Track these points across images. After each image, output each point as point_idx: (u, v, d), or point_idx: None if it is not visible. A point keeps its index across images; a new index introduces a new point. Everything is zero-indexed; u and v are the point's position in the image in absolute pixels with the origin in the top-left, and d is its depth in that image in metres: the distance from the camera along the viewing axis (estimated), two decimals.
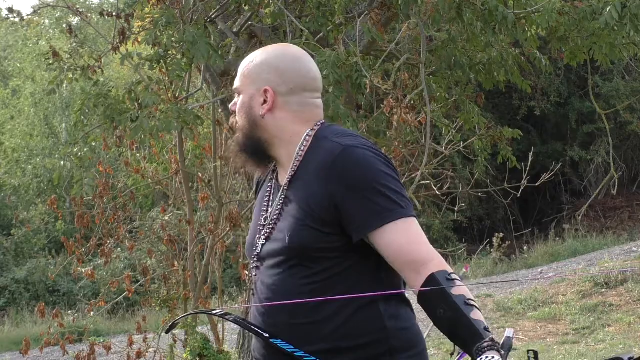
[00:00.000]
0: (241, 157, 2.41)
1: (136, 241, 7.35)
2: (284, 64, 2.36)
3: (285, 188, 2.33)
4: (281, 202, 2.33)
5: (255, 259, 2.37)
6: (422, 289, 2.12)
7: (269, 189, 2.42)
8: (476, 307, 2.09)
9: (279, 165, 2.41)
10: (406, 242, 2.17)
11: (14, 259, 17.64)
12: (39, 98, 20.25)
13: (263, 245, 2.34)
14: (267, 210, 2.38)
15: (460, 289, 2.11)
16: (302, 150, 2.32)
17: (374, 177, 2.20)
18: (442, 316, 2.10)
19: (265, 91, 2.35)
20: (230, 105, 2.44)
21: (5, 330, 14.40)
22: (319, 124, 2.37)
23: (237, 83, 2.42)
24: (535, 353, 2.02)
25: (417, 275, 2.14)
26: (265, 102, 2.35)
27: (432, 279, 2.12)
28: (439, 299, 2.10)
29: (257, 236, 2.37)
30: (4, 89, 22.32)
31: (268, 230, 2.34)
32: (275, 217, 2.33)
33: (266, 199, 2.41)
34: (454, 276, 2.12)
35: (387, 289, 2.23)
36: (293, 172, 2.32)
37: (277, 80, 2.35)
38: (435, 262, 2.15)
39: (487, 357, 1.99)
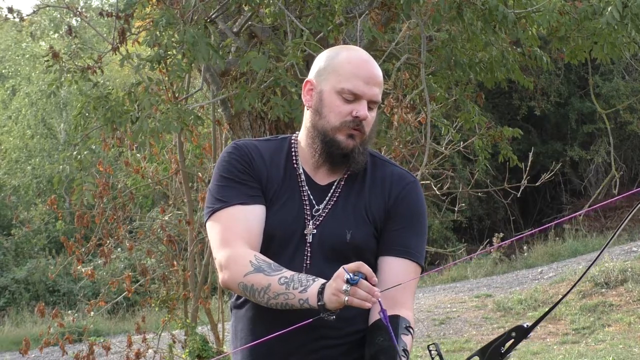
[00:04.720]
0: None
1: (136, 241, 7.35)
2: None
3: (338, 189, 2.42)
4: (334, 199, 2.40)
5: (307, 249, 2.39)
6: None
7: (301, 182, 2.42)
8: (408, 355, 2.25)
9: (316, 163, 2.42)
10: (405, 284, 2.32)
11: (14, 259, 17.63)
12: (35, 98, 20.22)
13: (313, 235, 2.39)
14: (307, 201, 2.40)
15: (407, 339, 2.26)
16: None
17: (425, 218, 2.46)
18: (379, 342, 2.25)
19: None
20: (362, 114, 2.35)
21: (5, 330, 14.40)
22: None
23: (379, 94, 2.39)
24: (437, 346, 2.09)
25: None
26: None
27: (394, 317, 2.26)
28: (386, 332, 2.22)
29: (307, 226, 2.39)
30: (3, 90, 22.30)
31: (317, 222, 2.39)
32: (327, 210, 2.39)
33: (301, 189, 2.42)
34: (410, 330, 2.29)
35: None
36: (346, 175, 2.42)
37: None
38: (408, 312, 2.33)
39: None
